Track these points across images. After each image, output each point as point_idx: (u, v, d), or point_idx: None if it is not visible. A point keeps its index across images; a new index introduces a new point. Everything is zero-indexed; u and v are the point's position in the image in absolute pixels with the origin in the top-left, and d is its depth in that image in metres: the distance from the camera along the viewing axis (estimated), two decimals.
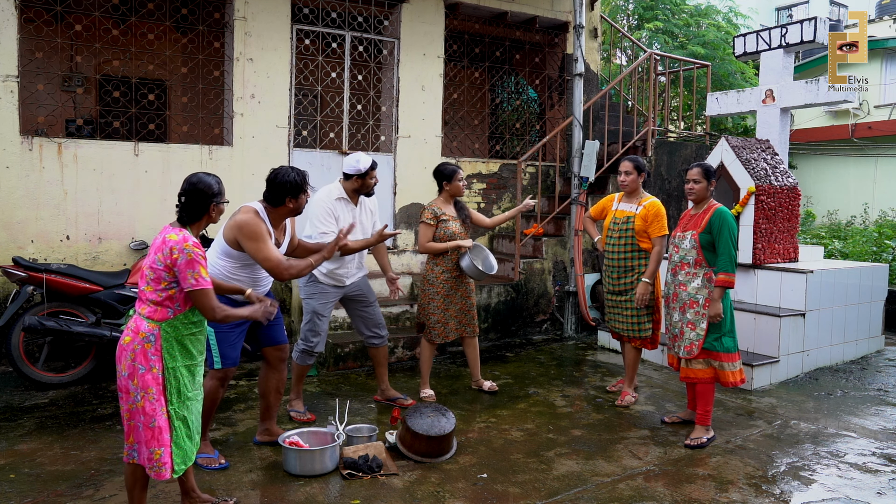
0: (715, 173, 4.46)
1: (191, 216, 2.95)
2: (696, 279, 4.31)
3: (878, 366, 6.27)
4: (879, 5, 20.39)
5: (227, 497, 3.32)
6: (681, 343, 4.36)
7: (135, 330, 2.83)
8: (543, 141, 7.64)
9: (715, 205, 4.36)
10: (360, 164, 4.41)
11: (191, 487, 3.19)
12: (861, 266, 6.67)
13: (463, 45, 8.10)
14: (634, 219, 4.81)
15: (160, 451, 2.81)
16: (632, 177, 4.87)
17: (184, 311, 2.89)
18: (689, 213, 4.52)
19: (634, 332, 4.89)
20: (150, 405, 2.80)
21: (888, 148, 15.80)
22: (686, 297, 4.35)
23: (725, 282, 4.19)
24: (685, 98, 10.77)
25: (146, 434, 2.80)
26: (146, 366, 2.80)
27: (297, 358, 4.60)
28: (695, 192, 4.40)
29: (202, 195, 2.94)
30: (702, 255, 4.29)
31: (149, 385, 2.79)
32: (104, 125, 7.48)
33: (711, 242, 4.27)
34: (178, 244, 2.80)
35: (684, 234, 4.41)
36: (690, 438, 4.25)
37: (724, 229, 4.22)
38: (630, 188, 4.90)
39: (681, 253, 4.42)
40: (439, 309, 4.94)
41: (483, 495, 3.48)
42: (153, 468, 2.82)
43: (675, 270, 4.47)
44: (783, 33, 6.73)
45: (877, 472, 3.87)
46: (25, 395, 4.96)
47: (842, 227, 12.85)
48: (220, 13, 6.71)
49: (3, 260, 5.54)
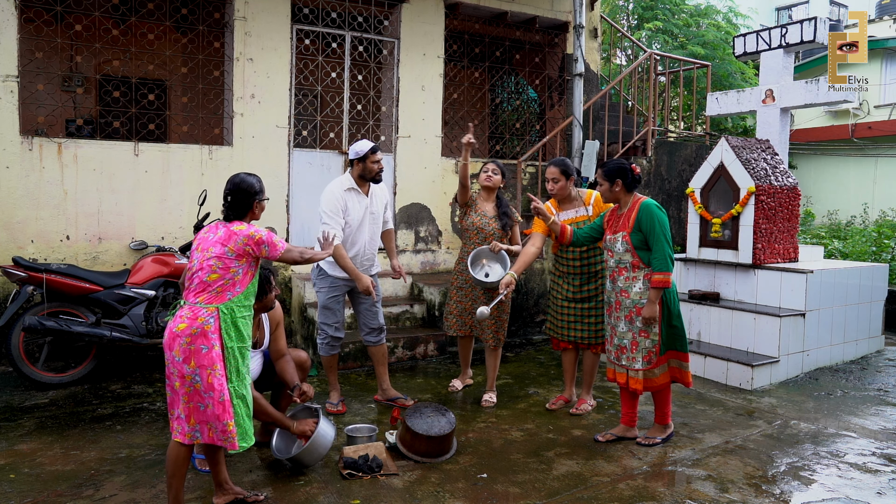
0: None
1: (237, 213, 3.21)
2: (637, 283, 4.02)
3: (878, 366, 6.27)
4: (879, 5, 20.39)
5: (258, 492, 3.37)
6: (633, 355, 4.06)
7: (192, 317, 3.01)
8: (543, 141, 7.64)
9: (640, 199, 4.07)
10: (359, 147, 4.55)
11: (224, 479, 3.28)
12: (861, 266, 6.67)
13: (463, 45, 8.10)
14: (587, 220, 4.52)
15: (231, 422, 3.01)
16: (560, 183, 4.53)
17: (237, 296, 3.09)
18: (615, 211, 4.20)
19: (599, 339, 4.60)
20: (218, 381, 2.99)
21: (888, 148, 15.80)
22: (630, 304, 4.05)
23: (662, 282, 3.90)
24: (685, 98, 10.77)
25: (217, 408, 2.98)
26: (208, 345, 2.98)
27: (321, 351, 4.73)
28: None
29: (246, 194, 3.20)
30: (637, 256, 4.01)
31: (214, 362, 2.98)
32: (104, 125, 7.48)
33: (644, 241, 3.98)
34: (253, 228, 3.12)
35: (615, 237, 4.10)
36: (645, 437, 4.20)
37: (655, 225, 3.92)
38: (561, 195, 4.58)
39: (615, 257, 4.11)
40: (452, 300, 5.02)
41: (483, 495, 3.48)
42: (228, 439, 3.00)
43: (614, 276, 4.14)
44: (783, 33, 6.74)
45: (877, 472, 3.87)
46: (25, 395, 4.96)
47: (842, 227, 12.84)
48: (220, 13, 6.71)
49: (3, 260, 5.54)
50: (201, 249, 3.13)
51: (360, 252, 4.63)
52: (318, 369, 5.68)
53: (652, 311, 3.95)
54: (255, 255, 3.13)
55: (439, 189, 7.63)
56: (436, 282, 6.88)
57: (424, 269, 7.59)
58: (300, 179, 6.92)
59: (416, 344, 6.15)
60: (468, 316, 4.95)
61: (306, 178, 6.95)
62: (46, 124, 6.68)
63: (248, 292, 3.15)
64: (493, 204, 4.99)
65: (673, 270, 4.00)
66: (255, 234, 3.10)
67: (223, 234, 3.11)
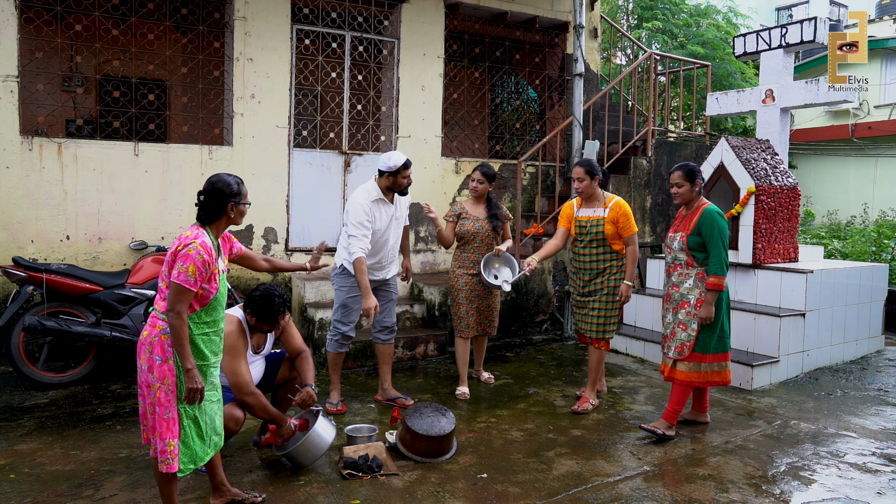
0: (699, 173, 4.37)
1: (209, 216, 2.95)
2: (688, 279, 4.29)
3: (878, 366, 6.27)
4: (879, 5, 20.39)
5: (257, 493, 3.34)
6: (671, 343, 4.35)
7: (152, 325, 2.89)
8: (543, 141, 7.63)
9: (704, 204, 4.30)
10: (391, 161, 4.49)
11: (220, 482, 3.24)
12: (861, 266, 6.67)
13: (463, 45, 8.09)
14: (603, 223, 4.69)
15: (173, 442, 2.83)
16: (584, 182, 4.73)
17: (196, 311, 2.89)
18: (681, 213, 4.47)
19: (600, 334, 4.80)
20: (166, 396, 2.82)
21: (888, 148, 15.80)
22: (678, 298, 4.33)
23: (716, 285, 4.16)
24: (685, 98, 10.77)
25: (161, 425, 2.82)
26: (163, 357, 2.83)
27: (330, 347, 4.74)
28: (680, 196, 4.36)
29: (220, 194, 2.94)
30: (691, 256, 4.27)
31: (165, 375, 2.82)
32: (104, 125, 7.48)
33: (701, 244, 4.22)
34: (188, 239, 2.83)
35: (674, 236, 4.38)
36: (649, 424, 4.33)
37: (714, 231, 4.16)
38: (586, 193, 4.79)
39: (672, 254, 4.40)
40: (463, 305, 5.12)
41: (483, 495, 3.48)
42: (165, 461, 2.83)
43: (669, 271, 4.46)
44: (783, 33, 6.74)
45: (877, 472, 3.87)
46: (25, 395, 4.96)
47: (841, 227, 12.85)
48: (220, 13, 6.71)
49: (3, 260, 5.54)
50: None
51: (384, 255, 4.68)
52: (319, 369, 5.67)
53: (709, 311, 4.17)
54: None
55: (439, 189, 7.63)
56: (436, 282, 6.88)
57: (424, 269, 7.59)
58: (300, 179, 6.92)
59: (416, 344, 6.15)
60: (478, 315, 5.17)
61: (306, 178, 6.95)
62: (46, 124, 6.68)
63: (207, 308, 2.92)
64: (483, 206, 5.19)
65: (727, 275, 4.22)
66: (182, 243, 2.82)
67: (177, 241, 2.88)
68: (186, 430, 2.89)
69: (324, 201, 7.04)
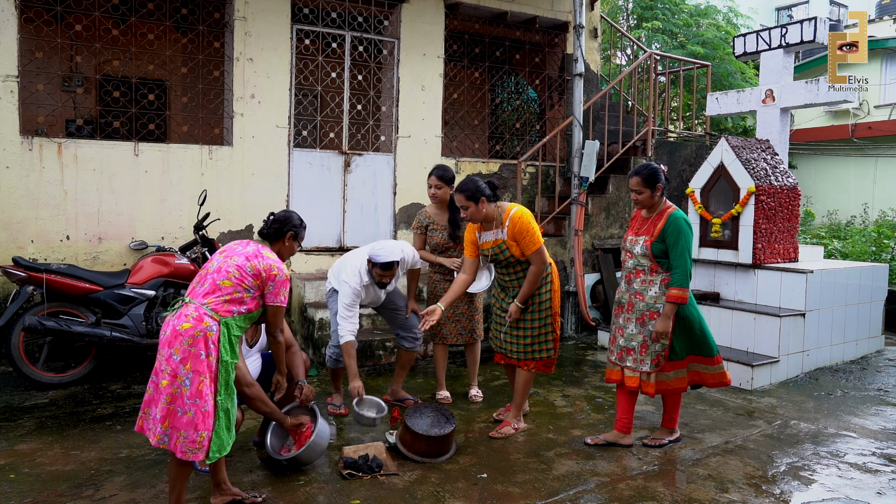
0: (661, 177, 3.95)
1: (272, 234, 3.41)
2: (654, 287, 3.95)
3: (878, 366, 6.27)
4: (879, 5, 20.39)
5: (257, 493, 3.35)
6: (642, 357, 3.99)
7: (197, 318, 2.99)
8: (543, 141, 7.64)
9: (669, 209, 3.96)
10: (373, 253, 4.36)
11: (222, 480, 3.28)
12: (861, 266, 6.67)
13: (463, 45, 8.09)
14: (506, 246, 4.15)
15: (204, 434, 2.94)
16: (470, 209, 4.13)
17: (240, 315, 3.12)
18: (639, 213, 4.11)
19: (528, 355, 4.25)
20: (206, 389, 2.95)
21: (888, 148, 15.80)
22: (644, 308, 3.97)
23: (679, 297, 3.82)
24: (685, 98, 10.78)
25: (198, 417, 2.92)
26: (206, 352, 2.96)
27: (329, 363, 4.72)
28: (640, 203, 4.00)
29: (288, 220, 3.43)
30: (656, 262, 3.94)
31: (206, 371, 2.95)
32: (104, 125, 7.48)
33: (665, 251, 3.90)
34: (279, 264, 3.23)
35: (636, 239, 4.01)
36: (651, 438, 4.21)
37: (680, 239, 3.83)
38: (476, 220, 4.21)
39: (634, 260, 4.03)
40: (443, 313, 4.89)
41: (483, 495, 3.48)
42: (194, 450, 2.93)
43: (630, 278, 4.07)
44: (783, 33, 6.74)
45: (877, 472, 3.87)
46: (25, 395, 4.96)
47: (841, 227, 12.85)
48: (220, 13, 6.71)
49: (3, 260, 5.54)
50: (226, 255, 3.21)
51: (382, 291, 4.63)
52: (319, 369, 5.68)
53: (665, 326, 3.87)
54: (262, 286, 3.18)
55: None
56: None
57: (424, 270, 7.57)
58: (300, 179, 6.91)
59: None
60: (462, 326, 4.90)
61: (306, 178, 6.95)
62: (46, 124, 6.68)
63: (250, 316, 3.18)
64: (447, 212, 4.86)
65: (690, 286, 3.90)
66: (276, 267, 3.20)
67: (252, 250, 3.21)
68: (220, 420, 3.02)
69: (324, 201, 7.04)
